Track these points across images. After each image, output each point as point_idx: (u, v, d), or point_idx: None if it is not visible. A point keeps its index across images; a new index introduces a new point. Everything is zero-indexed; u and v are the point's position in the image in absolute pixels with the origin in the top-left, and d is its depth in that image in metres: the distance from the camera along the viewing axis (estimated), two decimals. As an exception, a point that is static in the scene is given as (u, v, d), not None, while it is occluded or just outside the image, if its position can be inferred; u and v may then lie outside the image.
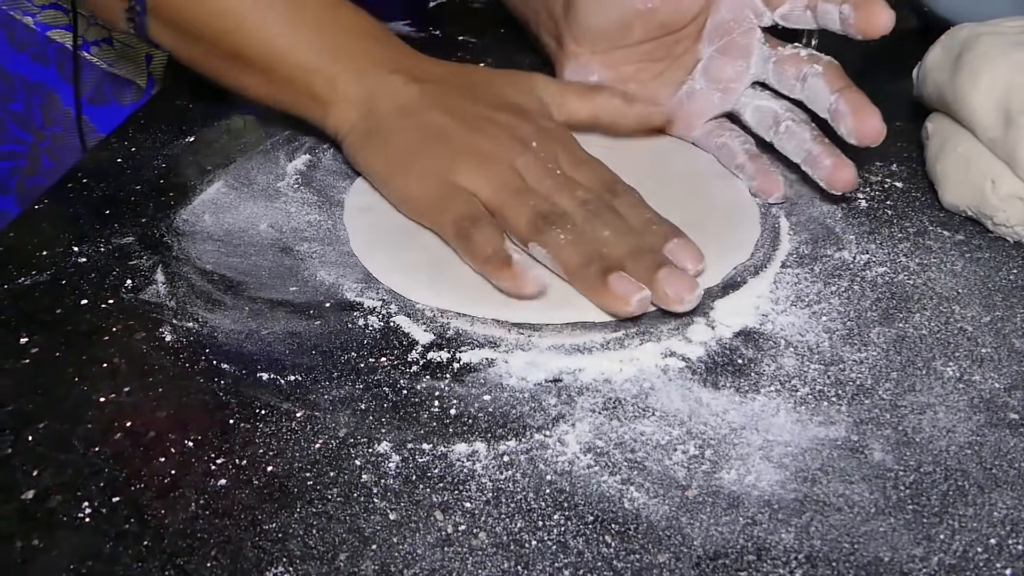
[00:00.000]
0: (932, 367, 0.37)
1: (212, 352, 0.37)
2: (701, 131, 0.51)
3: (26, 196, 0.63)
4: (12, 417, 0.33)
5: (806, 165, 0.47)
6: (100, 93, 0.67)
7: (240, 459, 0.32)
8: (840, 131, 0.46)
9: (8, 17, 0.61)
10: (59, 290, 0.40)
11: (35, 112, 0.64)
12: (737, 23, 0.50)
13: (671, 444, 0.33)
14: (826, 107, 0.46)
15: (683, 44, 0.51)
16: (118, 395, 0.35)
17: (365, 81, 0.46)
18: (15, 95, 0.62)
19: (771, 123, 0.49)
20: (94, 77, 0.66)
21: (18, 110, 0.63)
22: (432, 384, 0.36)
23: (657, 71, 0.52)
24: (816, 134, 0.47)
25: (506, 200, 0.42)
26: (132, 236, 0.43)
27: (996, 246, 0.44)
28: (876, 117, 0.45)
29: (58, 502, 0.30)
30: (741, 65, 0.50)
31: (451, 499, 0.31)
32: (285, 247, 0.43)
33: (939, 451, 0.33)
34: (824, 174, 0.46)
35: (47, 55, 0.63)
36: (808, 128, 0.48)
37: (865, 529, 0.30)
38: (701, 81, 0.51)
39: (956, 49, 0.47)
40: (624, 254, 0.40)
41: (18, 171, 0.63)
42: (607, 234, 0.40)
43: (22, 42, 0.62)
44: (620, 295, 0.38)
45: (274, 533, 0.29)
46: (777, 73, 0.49)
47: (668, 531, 0.30)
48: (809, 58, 0.48)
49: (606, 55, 0.52)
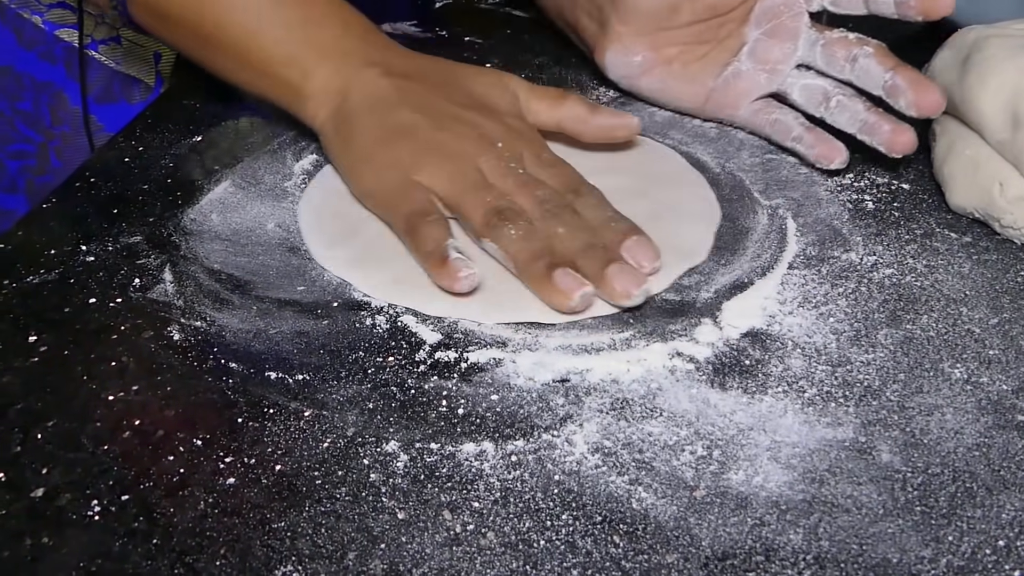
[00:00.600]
0: (940, 369, 0.37)
1: (220, 351, 0.37)
2: (748, 111, 0.52)
3: (36, 195, 0.63)
4: (21, 415, 0.34)
5: (863, 134, 0.48)
6: (109, 92, 0.67)
7: (249, 458, 0.32)
8: (899, 105, 0.47)
9: (17, 16, 0.61)
10: (67, 289, 0.40)
11: (44, 111, 0.64)
12: (787, 7, 0.51)
13: (679, 444, 0.33)
14: (880, 84, 0.48)
15: (729, 27, 0.52)
16: (127, 393, 0.35)
17: (340, 74, 0.46)
18: (24, 94, 0.63)
19: (821, 99, 0.50)
20: (102, 76, 0.66)
21: (27, 109, 0.63)
22: (440, 384, 0.36)
23: (701, 53, 0.53)
24: (869, 105, 0.49)
25: (464, 196, 0.42)
26: (140, 235, 0.44)
27: (1004, 248, 0.44)
28: (935, 89, 0.46)
29: (67, 500, 0.30)
30: (788, 47, 0.50)
31: (459, 499, 0.31)
32: (292, 247, 0.43)
33: (947, 453, 0.33)
34: (884, 139, 0.47)
35: (55, 54, 0.63)
36: (860, 100, 0.49)
37: (873, 530, 0.30)
38: (747, 63, 0.52)
39: (964, 51, 0.47)
40: (575, 250, 0.40)
41: (28, 170, 0.63)
42: (561, 231, 0.41)
43: (31, 41, 0.62)
44: (562, 289, 0.38)
45: (283, 532, 0.29)
46: (826, 55, 0.50)
47: (676, 531, 0.30)
48: (858, 40, 0.50)
49: (651, 36, 0.52)
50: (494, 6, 0.77)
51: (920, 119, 0.47)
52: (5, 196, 0.63)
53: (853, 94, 0.49)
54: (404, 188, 0.43)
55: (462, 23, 0.72)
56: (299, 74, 0.47)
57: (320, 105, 0.47)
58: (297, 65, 0.47)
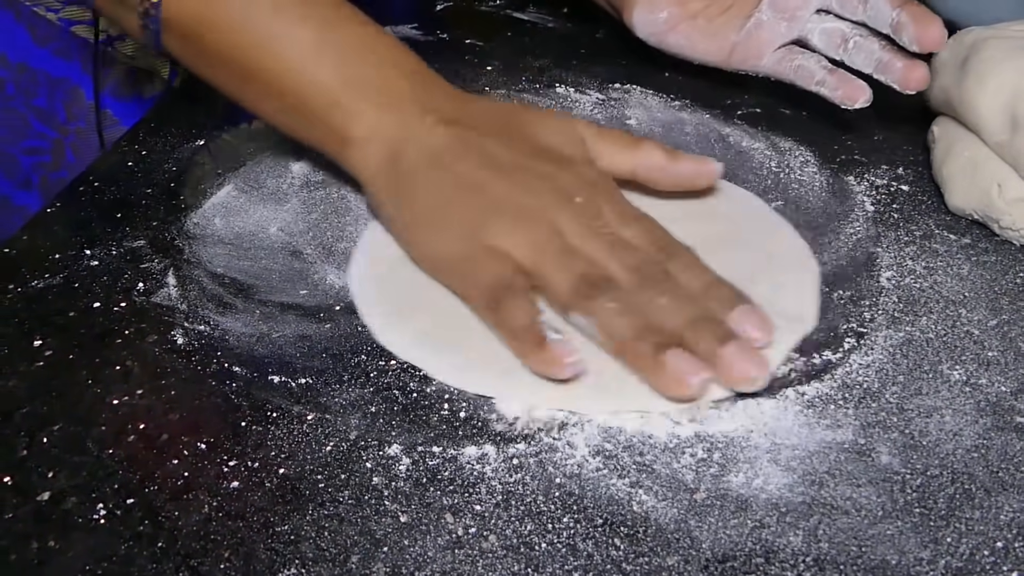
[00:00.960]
0: (939, 370, 0.37)
1: (224, 355, 0.37)
2: (771, 59, 0.53)
3: (49, 191, 0.63)
4: (27, 419, 0.34)
5: (878, 72, 0.50)
6: (124, 86, 0.67)
7: (252, 461, 0.32)
8: (903, 40, 0.48)
9: (32, 14, 0.62)
10: (72, 293, 0.40)
11: (58, 107, 0.64)
12: None
13: (679, 447, 0.33)
14: (888, 22, 0.49)
15: None
16: (131, 397, 0.35)
17: (392, 120, 0.42)
18: (38, 90, 0.63)
19: (839, 41, 0.51)
20: (118, 70, 0.66)
21: (41, 105, 0.63)
22: (441, 387, 0.36)
23: (725, 6, 0.54)
24: (884, 43, 0.50)
25: (546, 263, 0.37)
26: (143, 239, 0.44)
27: (1003, 249, 0.45)
28: (937, 24, 0.47)
29: (73, 504, 0.31)
30: None
31: (461, 501, 0.31)
32: (295, 251, 0.43)
33: (946, 454, 0.33)
34: (897, 76, 0.49)
35: (71, 50, 0.63)
36: (876, 40, 0.50)
37: (872, 532, 0.30)
38: (768, 12, 0.53)
39: (963, 53, 0.47)
40: (682, 325, 0.35)
41: (42, 166, 0.63)
42: (662, 302, 0.36)
43: (45, 37, 0.62)
44: (678, 375, 0.34)
45: (286, 535, 0.30)
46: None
47: (677, 534, 0.30)
48: None
49: None
50: (495, 8, 0.77)
51: (924, 55, 0.48)
52: (19, 192, 0.63)
53: (869, 34, 0.51)
54: (478, 255, 0.38)
55: (463, 26, 0.73)
56: (343, 118, 0.42)
57: (368, 155, 0.42)
58: (341, 108, 0.42)
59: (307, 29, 0.43)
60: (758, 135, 0.54)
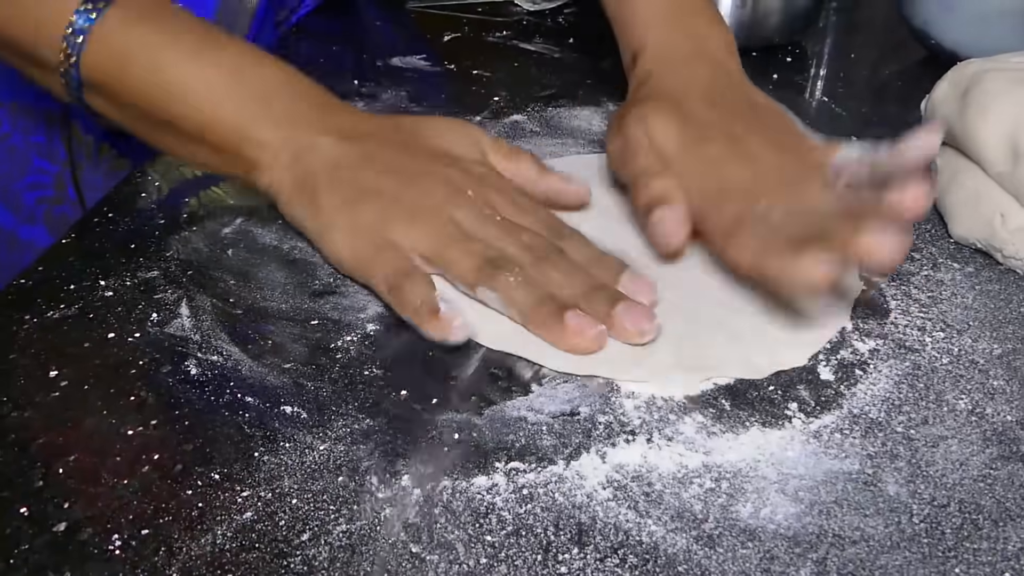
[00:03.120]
0: (944, 400, 0.37)
1: (236, 385, 0.38)
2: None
3: (55, 225, 0.64)
4: (43, 450, 0.34)
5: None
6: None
7: (265, 492, 0.33)
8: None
9: None
10: (87, 324, 0.41)
11: (58, 143, 0.65)
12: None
13: (687, 477, 0.34)
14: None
15: None
16: (145, 428, 0.35)
17: (296, 143, 0.45)
18: (37, 127, 0.64)
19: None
20: None
21: (41, 141, 0.64)
22: (451, 417, 0.36)
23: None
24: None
25: (447, 249, 0.42)
26: (157, 270, 0.44)
27: (1006, 278, 0.45)
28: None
29: (89, 534, 0.31)
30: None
31: (472, 533, 0.31)
32: (307, 282, 0.44)
33: (952, 484, 0.33)
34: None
35: None
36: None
37: (880, 563, 0.30)
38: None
39: (963, 84, 0.48)
40: (578, 293, 0.41)
41: (45, 200, 0.64)
42: (557, 275, 0.41)
43: None
44: (576, 330, 0.39)
45: (299, 566, 0.30)
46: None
47: (686, 564, 0.30)
48: None
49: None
50: (502, 39, 0.78)
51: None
52: (25, 227, 0.64)
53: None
54: (379, 249, 0.42)
55: (470, 56, 0.74)
56: (252, 149, 0.45)
57: (277, 177, 0.45)
58: (250, 140, 0.45)
59: (220, 74, 0.46)
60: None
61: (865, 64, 0.76)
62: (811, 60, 0.77)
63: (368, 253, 0.43)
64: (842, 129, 0.61)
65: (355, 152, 0.45)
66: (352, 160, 0.45)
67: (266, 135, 0.45)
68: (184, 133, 0.46)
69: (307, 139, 0.45)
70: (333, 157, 0.45)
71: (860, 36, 0.85)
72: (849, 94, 0.68)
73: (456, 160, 0.46)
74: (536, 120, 0.62)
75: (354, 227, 0.43)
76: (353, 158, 0.45)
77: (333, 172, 0.44)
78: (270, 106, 0.46)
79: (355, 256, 0.43)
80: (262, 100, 0.46)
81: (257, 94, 0.46)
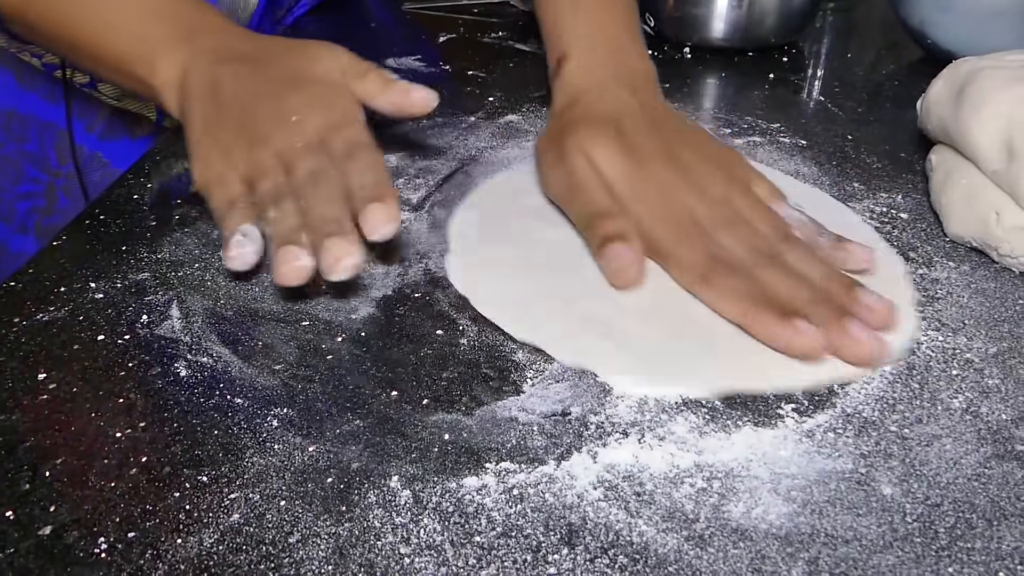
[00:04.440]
0: (939, 399, 0.37)
1: (226, 387, 0.37)
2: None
3: (44, 235, 0.64)
4: (29, 453, 0.34)
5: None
6: (112, 128, 0.68)
7: (254, 494, 0.32)
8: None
9: (16, 59, 0.62)
10: (76, 326, 0.41)
11: (50, 151, 0.65)
12: None
13: (679, 477, 0.33)
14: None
15: None
16: (134, 430, 0.35)
17: (179, 65, 0.48)
18: (29, 135, 0.64)
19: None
20: (105, 113, 0.67)
21: (33, 150, 0.64)
22: (442, 417, 0.36)
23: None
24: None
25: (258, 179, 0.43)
26: (148, 272, 0.44)
27: (1002, 277, 0.45)
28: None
29: (74, 538, 0.31)
30: None
31: (461, 533, 0.31)
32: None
33: (946, 483, 0.33)
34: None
35: (57, 94, 0.64)
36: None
37: (873, 562, 0.30)
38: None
39: (959, 83, 0.48)
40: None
41: (36, 210, 0.64)
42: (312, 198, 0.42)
43: (32, 82, 0.63)
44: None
45: (288, 568, 0.30)
46: None
47: (677, 564, 0.30)
48: None
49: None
50: (497, 40, 0.78)
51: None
52: (16, 237, 0.64)
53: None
54: (221, 174, 0.44)
55: (466, 57, 0.74)
56: (148, 70, 0.48)
57: (169, 99, 0.49)
58: (144, 62, 0.49)
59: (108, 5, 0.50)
60: (757, 164, 0.54)
61: (862, 64, 0.76)
62: (808, 60, 0.77)
63: (213, 176, 0.44)
64: (839, 129, 0.61)
65: (225, 75, 0.47)
66: (219, 83, 0.47)
67: (157, 56, 0.48)
68: (86, 54, 0.50)
69: (190, 61, 0.48)
70: (205, 80, 0.47)
71: (857, 36, 0.85)
72: (846, 94, 0.68)
73: (309, 82, 0.47)
74: (531, 120, 0.62)
75: (207, 149, 0.45)
76: (222, 80, 0.47)
77: (202, 95, 0.47)
78: (160, 27, 0.49)
79: (202, 177, 0.45)
80: (151, 20, 0.49)
81: (146, 13, 0.49)
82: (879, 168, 0.55)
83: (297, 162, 0.43)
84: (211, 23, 0.50)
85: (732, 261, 0.42)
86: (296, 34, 0.79)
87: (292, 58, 0.49)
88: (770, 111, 0.64)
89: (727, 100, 0.67)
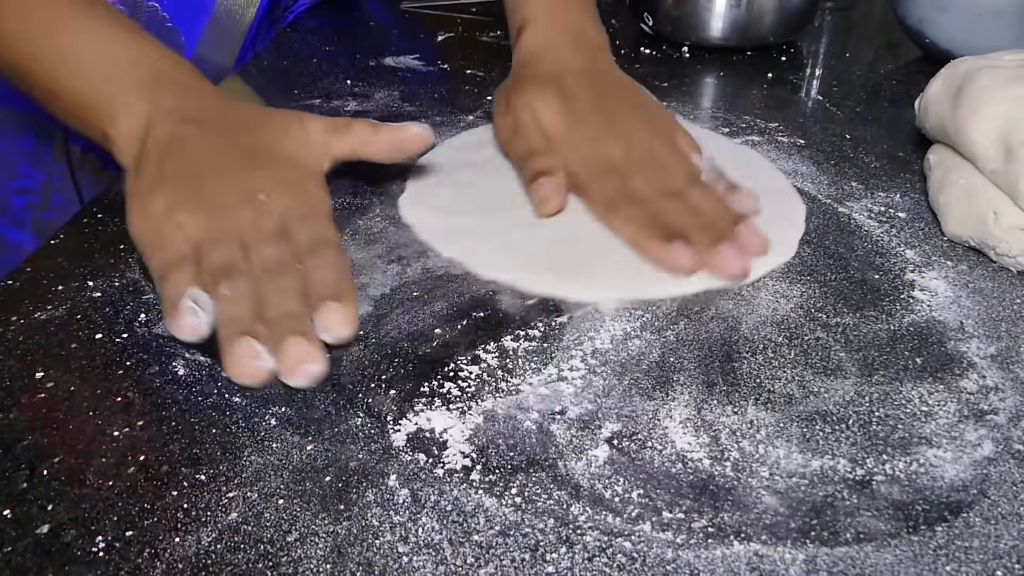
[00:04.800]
0: (937, 398, 0.37)
1: (224, 386, 0.37)
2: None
3: (40, 230, 0.64)
4: (27, 451, 0.34)
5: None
6: None
7: (252, 492, 0.32)
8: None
9: None
10: (74, 324, 0.41)
11: (46, 151, 0.65)
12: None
13: (677, 476, 0.33)
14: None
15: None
16: (132, 429, 0.35)
17: (141, 120, 0.46)
18: (25, 133, 0.63)
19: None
20: None
21: (29, 147, 0.64)
22: (441, 417, 0.36)
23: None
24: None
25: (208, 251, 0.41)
26: (145, 271, 0.44)
27: (999, 276, 0.45)
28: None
29: (72, 536, 0.31)
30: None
31: (460, 532, 0.31)
32: (296, 281, 0.44)
33: (944, 482, 0.33)
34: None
35: None
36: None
37: (871, 562, 0.30)
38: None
39: (957, 82, 0.48)
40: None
41: (32, 207, 0.64)
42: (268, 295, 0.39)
43: None
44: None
45: (286, 567, 0.30)
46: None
47: (674, 564, 0.30)
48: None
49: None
50: (495, 39, 0.78)
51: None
52: (13, 230, 0.64)
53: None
54: (166, 232, 0.42)
55: (464, 57, 0.74)
56: (107, 119, 0.46)
57: (125, 150, 0.46)
58: (104, 108, 0.46)
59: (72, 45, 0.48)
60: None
61: (860, 63, 0.76)
62: (806, 59, 0.77)
63: (156, 232, 0.42)
64: (837, 128, 0.61)
65: (187, 137, 0.45)
66: (180, 144, 0.45)
67: (116, 107, 0.46)
68: (40, 91, 0.49)
69: (152, 118, 0.46)
70: (166, 139, 0.45)
71: (855, 35, 0.85)
72: (844, 93, 0.68)
73: (273, 159, 0.46)
74: (529, 120, 0.62)
75: (151, 206, 0.43)
76: (184, 142, 0.45)
77: (160, 153, 0.44)
78: (121, 76, 0.47)
79: (144, 229, 0.43)
80: (112, 67, 0.47)
81: (106, 59, 0.47)
82: (877, 167, 0.55)
83: (259, 245, 0.41)
84: (179, 75, 0.48)
85: (638, 196, 0.48)
86: (295, 33, 0.79)
87: (262, 129, 0.47)
88: (768, 110, 0.64)
89: (725, 99, 0.67)
